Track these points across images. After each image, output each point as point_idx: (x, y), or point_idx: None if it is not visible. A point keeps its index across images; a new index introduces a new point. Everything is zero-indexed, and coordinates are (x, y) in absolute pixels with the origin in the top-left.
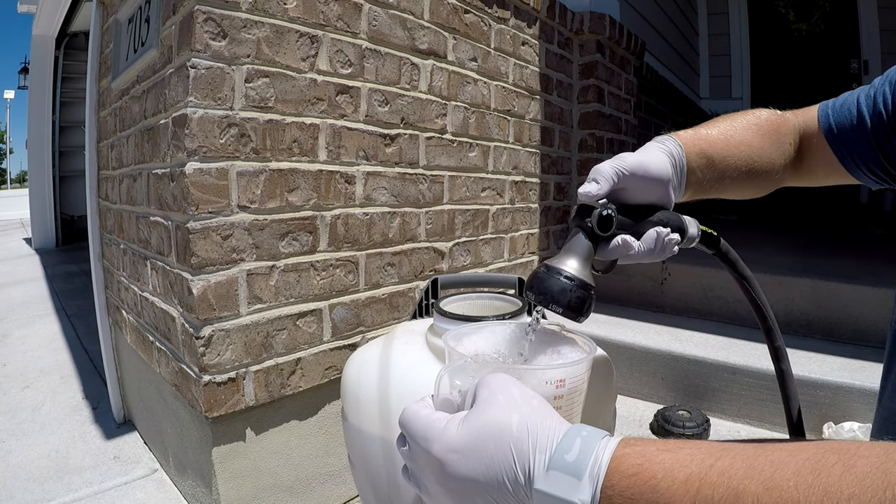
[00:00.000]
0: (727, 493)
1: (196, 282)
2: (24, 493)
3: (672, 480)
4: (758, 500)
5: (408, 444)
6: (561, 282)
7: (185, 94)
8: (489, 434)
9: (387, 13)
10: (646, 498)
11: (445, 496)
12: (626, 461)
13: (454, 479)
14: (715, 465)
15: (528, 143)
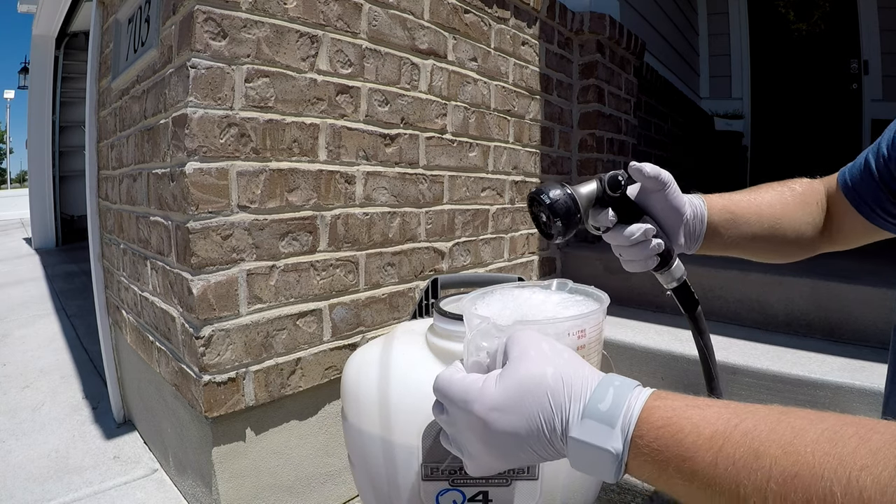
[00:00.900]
0: (748, 452)
1: (196, 282)
2: (24, 492)
3: (697, 436)
4: (776, 462)
5: (445, 410)
6: (561, 188)
7: (185, 94)
8: (527, 388)
9: (387, 13)
10: (671, 450)
11: (488, 455)
12: (656, 413)
13: (497, 435)
14: (739, 425)
15: (528, 143)
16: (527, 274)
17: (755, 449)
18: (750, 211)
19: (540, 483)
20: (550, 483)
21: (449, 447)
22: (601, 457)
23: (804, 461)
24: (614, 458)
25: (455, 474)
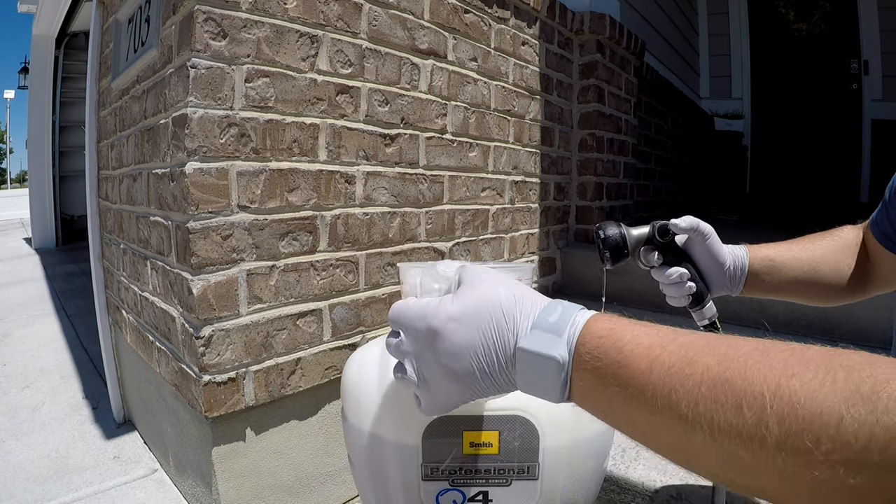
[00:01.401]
0: (682, 360)
1: (196, 282)
2: (24, 492)
3: (636, 345)
4: (708, 369)
5: (401, 334)
6: (617, 228)
7: (185, 94)
8: (482, 303)
9: (387, 13)
10: (610, 356)
11: (443, 376)
12: (600, 324)
13: (452, 349)
14: (677, 339)
15: (528, 143)
16: None
17: (690, 358)
18: (789, 257)
19: (540, 483)
20: (550, 483)
21: (401, 381)
22: (547, 366)
23: (736, 368)
24: (559, 366)
25: (455, 474)
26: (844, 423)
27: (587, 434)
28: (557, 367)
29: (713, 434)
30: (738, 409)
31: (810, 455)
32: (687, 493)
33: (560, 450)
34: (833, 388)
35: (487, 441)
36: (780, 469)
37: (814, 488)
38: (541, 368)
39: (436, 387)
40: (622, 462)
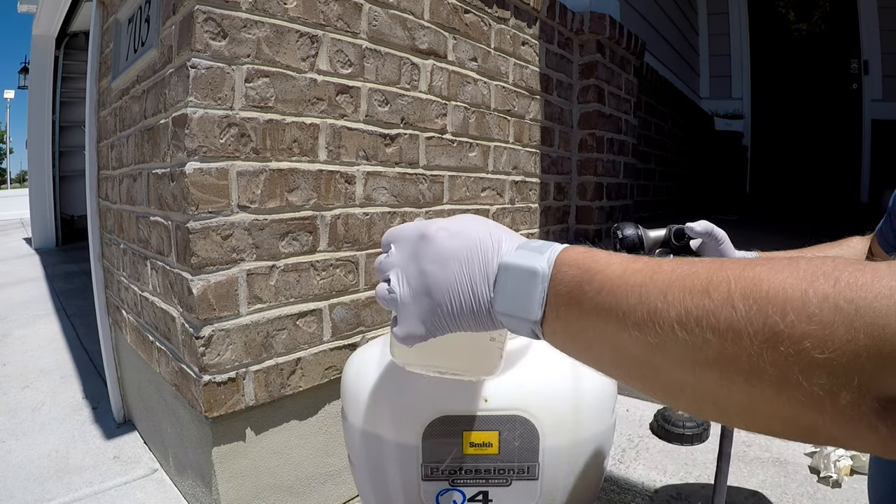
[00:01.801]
0: (653, 266)
1: (196, 282)
2: (24, 492)
3: (611, 258)
4: (677, 266)
5: (393, 246)
6: (634, 229)
7: (185, 94)
8: (472, 224)
9: (387, 13)
10: (587, 265)
11: (423, 289)
12: (578, 248)
13: (439, 255)
14: (649, 260)
15: (528, 143)
16: None
17: (660, 264)
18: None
19: (540, 483)
20: (550, 483)
21: (385, 299)
22: (527, 278)
23: (702, 266)
24: (539, 276)
25: (455, 474)
26: (808, 296)
27: (587, 434)
28: (537, 278)
29: (682, 323)
30: (705, 292)
31: (776, 329)
32: (687, 493)
33: (560, 450)
34: (795, 271)
35: (487, 441)
36: (748, 351)
37: (781, 373)
38: (521, 280)
39: (415, 301)
40: (622, 462)
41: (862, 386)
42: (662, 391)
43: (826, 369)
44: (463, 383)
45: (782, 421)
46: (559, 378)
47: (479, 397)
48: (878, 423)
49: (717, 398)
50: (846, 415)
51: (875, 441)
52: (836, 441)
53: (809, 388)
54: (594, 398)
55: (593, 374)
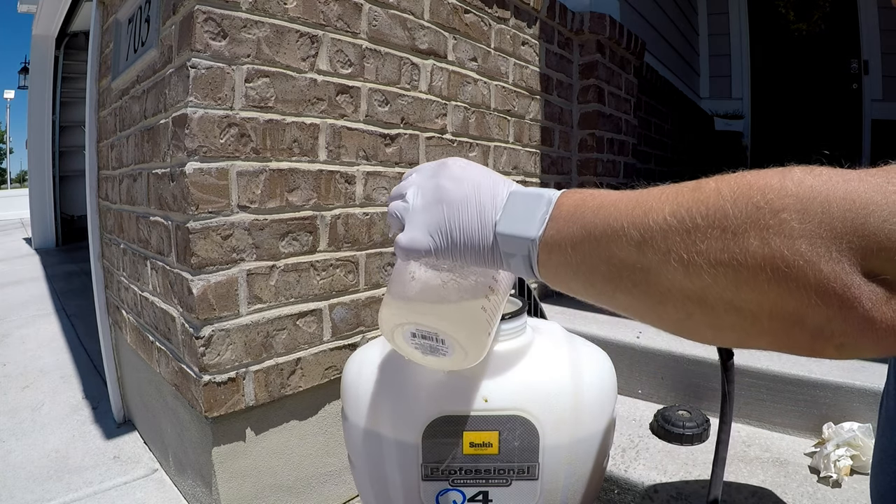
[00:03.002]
0: (648, 188)
1: (196, 282)
2: (24, 492)
3: (607, 193)
4: (669, 186)
5: (413, 173)
6: None
7: (186, 94)
8: (483, 168)
9: (387, 13)
10: (585, 194)
11: (436, 199)
12: (580, 189)
13: (456, 175)
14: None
15: (528, 143)
16: None
17: (653, 188)
18: None
19: (540, 483)
20: (550, 483)
21: (397, 210)
22: (534, 202)
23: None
24: (546, 201)
25: (455, 474)
26: (786, 180)
27: (587, 434)
28: (543, 200)
29: (674, 213)
30: (696, 189)
31: (758, 204)
32: (687, 494)
33: (560, 450)
34: (773, 171)
35: (487, 441)
36: (734, 228)
37: (764, 244)
38: (528, 202)
39: (426, 209)
40: (622, 462)
41: (841, 258)
42: (652, 299)
43: (805, 239)
44: (463, 384)
45: (769, 314)
46: (559, 378)
47: (479, 397)
48: (860, 298)
49: (704, 294)
50: (828, 290)
51: (859, 321)
52: (823, 334)
53: (792, 259)
54: (594, 398)
55: (593, 373)
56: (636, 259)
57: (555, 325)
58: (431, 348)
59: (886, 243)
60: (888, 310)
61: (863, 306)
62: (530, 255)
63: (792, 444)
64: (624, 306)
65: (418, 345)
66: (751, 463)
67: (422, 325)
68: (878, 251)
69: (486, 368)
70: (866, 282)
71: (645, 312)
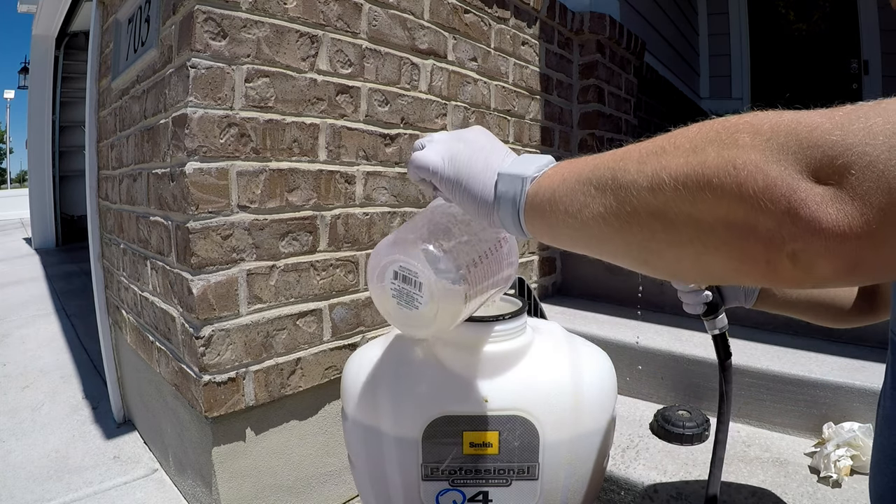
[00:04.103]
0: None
1: (196, 282)
2: (24, 492)
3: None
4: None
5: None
6: None
7: (185, 94)
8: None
9: (387, 13)
10: (573, 160)
11: (457, 140)
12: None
13: (474, 132)
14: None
15: (529, 143)
16: (527, 273)
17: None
18: None
19: (540, 483)
20: (550, 483)
21: (420, 143)
22: (534, 157)
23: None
24: (546, 159)
25: (455, 474)
26: (742, 115)
27: (587, 434)
28: (547, 159)
29: (648, 144)
30: (669, 133)
31: (716, 127)
32: (687, 494)
33: (560, 449)
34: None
35: (487, 441)
36: (693, 143)
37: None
38: (532, 158)
39: (445, 141)
40: (622, 462)
41: (789, 165)
42: (620, 220)
43: (756, 150)
44: (463, 384)
45: (724, 223)
46: (559, 378)
47: (480, 397)
48: (806, 200)
49: (665, 209)
50: (776, 193)
51: (806, 222)
52: (774, 242)
53: (743, 165)
54: (594, 398)
55: (593, 373)
56: (611, 180)
57: (555, 325)
58: (408, 296)
59: (829, 152)
60: (833, 210)
61: (808, 207)
62: (522, 191)
63: (792, 444)
64: (596, 235)
65: (397, 290)
66: (751, 463)
67: (408, 262)
68: (821, 159)
69: (486, 368)
70: (812, 186)
71: (613, 236)
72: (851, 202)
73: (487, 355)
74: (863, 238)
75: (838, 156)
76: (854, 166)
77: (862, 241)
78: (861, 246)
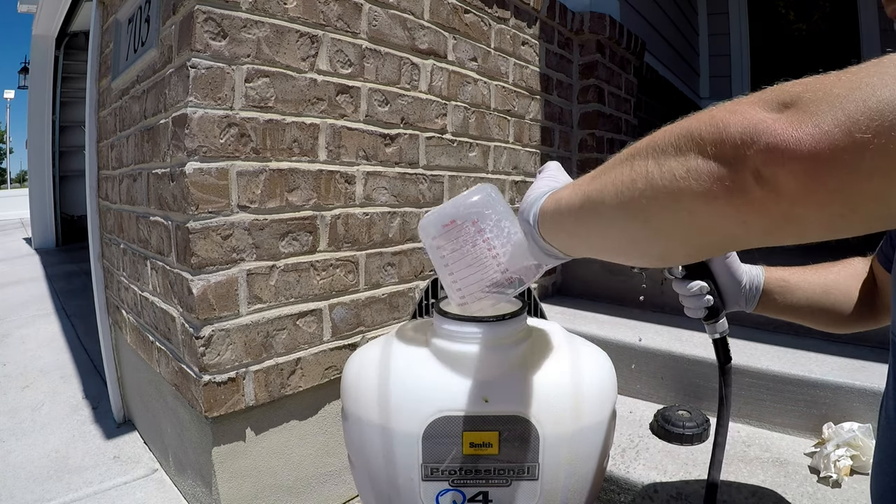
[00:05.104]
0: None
1: (196, 282)
2: (24, 492)
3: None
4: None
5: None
6: None
7: (185, 94)
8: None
9: (387, 13)
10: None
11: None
12: None
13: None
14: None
15: (528, 143)
16: None
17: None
18: (802, 280)
19: (540, 483)
20: (550, 483)
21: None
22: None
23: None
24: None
25: (455, 474)
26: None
27: (587, 434)
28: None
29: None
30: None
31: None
32: (687, 493)
33: (560, 450)
34: None
35: (487, 441)
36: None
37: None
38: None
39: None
40: (622, 462)
41: (753, 104)
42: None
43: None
44: (463, 384)
45: (701, 157)
46: (559, 378)
47: (480, 397)
48: (766, 120)
49: (655, 149)
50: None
51: (767, 136)
52: (740, 162)
53: (720, 113)
54: (594, 397)
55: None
56: (613, 161)
57: (555, 325)
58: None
59: (788, 89)
60: (790, 125)
61: (766, 124)
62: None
63: (792, 444)
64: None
65: None
66: (751, 463)
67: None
68: (780, 96)
69: (486, 368)
70: (772, 112)
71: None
72: (805, 115)
73: (487, 355)
74: (817, 142)
75: (794, 89)
76: (807, 92)
77: (821, 155)
78: (818, 153)
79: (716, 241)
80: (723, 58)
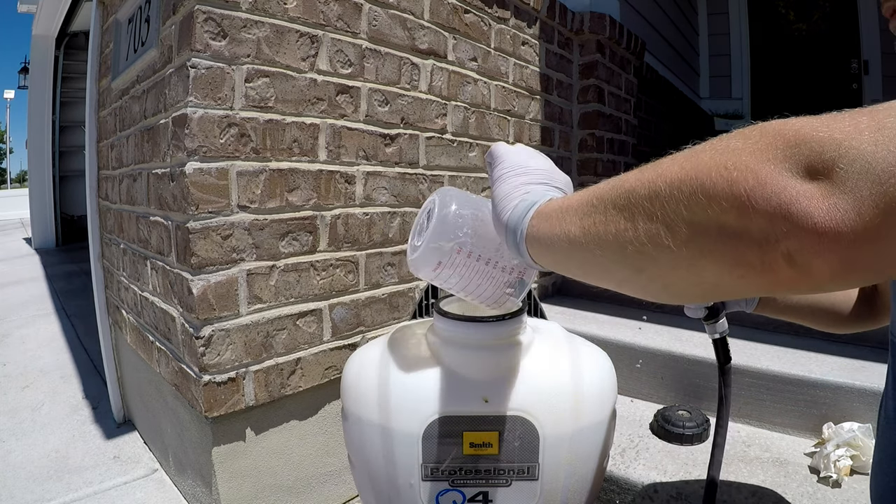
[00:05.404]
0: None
1: (196, 282)
2: (24, 492)
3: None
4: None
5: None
6: None
7: (185, 94)
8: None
9: (387, 13)
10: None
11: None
12: None
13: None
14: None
15: (529, 143)
16: None
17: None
18: None
19: (540, 483)
20: (550, 483)
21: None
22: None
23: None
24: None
25: (455, 474)
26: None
27: (587, 434)
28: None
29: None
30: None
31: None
32: (687, 493)
33: (560, 450)
34: None
35: (487, 441)
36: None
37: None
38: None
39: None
40: (622, 462)
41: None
42: (626, 221)
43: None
44: (463, 384)
45: (717, 227)
46: (559, 378)
47: (479, 397)
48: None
49: (664, 212)
50: (767, 191)
51: (799, 219)
52: (769, 241)
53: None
54: (594, 397)
55: (593, 373)
56: (611, 190)
57: (555, 325)
58: (420, 228)
59: (817, 147)
60: (825, 205)
61: (800, 203)
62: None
63: (792, 444)
64: (594, 242)
65: (418, 225)
66: (751, 463)
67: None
68: (809, 155)
69: (486, 368)
70: (803, 182)
71: (611, 243)
72: (842, 196)
73: (487, 355)
74: (858, 232)
75: (826, 150)
76: (842, 160)
77: (857, 236)
78: (857, 241)
79: (727, 295)
80: (723, 58)
